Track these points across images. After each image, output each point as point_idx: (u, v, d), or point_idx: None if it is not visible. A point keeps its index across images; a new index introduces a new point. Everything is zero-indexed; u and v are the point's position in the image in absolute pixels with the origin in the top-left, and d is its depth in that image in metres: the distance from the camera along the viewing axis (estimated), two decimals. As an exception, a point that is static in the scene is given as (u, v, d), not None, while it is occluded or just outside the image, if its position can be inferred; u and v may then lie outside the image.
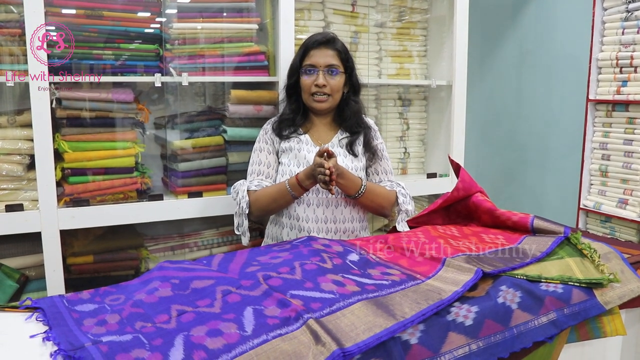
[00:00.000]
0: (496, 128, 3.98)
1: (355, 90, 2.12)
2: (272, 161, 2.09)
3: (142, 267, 2.36)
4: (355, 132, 2.09)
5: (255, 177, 2.07)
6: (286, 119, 2.09)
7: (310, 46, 2.04)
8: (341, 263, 1.49)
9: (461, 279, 1.37)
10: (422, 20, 2.87)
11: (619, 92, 2.74)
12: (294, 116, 2.09)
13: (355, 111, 2.09)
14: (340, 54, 2.05)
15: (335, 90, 2.03)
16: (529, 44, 3.63)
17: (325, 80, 2.00)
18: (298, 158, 2.03)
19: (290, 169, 2.02)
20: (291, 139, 2.07)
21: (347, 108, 2.09)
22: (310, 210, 1.99)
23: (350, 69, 2.08)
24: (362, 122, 2.11)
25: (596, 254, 1.58)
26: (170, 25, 2.23)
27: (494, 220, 1.85)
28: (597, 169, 2.88)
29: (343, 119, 2.11)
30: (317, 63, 2.01)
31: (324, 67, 2.01)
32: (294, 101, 2.10)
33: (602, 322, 1.46)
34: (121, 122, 2.22)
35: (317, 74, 2.00)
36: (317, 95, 2.01)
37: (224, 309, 1.20)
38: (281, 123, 2.09)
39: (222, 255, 1.57)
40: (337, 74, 2.02)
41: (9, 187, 2.05)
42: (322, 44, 2.04)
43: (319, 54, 2.03)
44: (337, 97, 2.06)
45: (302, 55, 2.05)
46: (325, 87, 2.00)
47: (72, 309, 1.25)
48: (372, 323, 1.16)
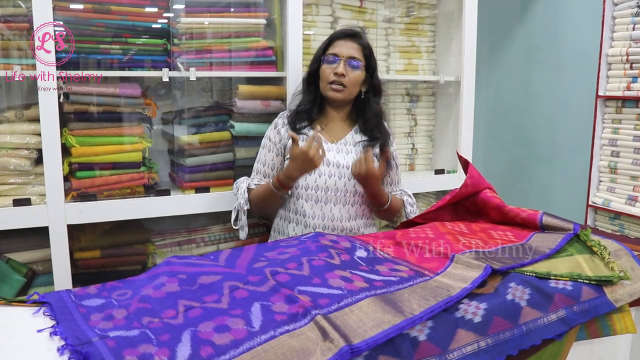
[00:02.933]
0: (504, 124, 3.96)
1: (376, 90, 2.10)
2: (276, 163, 2.09)
3: (149, 262, 2.36)
4: (375, 138, 2.08)
5: (255, 176, 2.10)
6: (302, 111, 2.08)
7: (336, 37, 2.06)
8: (349, 259, 1.48)
9: (470, 275, 1.36)
10: (430, 16, 2.86)
11: (629, 88, 2.71)
12: (311, 107, 2.08)
13: (376, 113, 2.08)
14: (364, 50, 2.05)
15: (352, 83, 2.01)
16: (538, 39, 3.60)
17: (345, 71, 1.99)
18: None
19: None
20: (301, 137, 2.05)
21: (368, 108, 2.08)
22: (318, 208, 1.99)
23: (372, 69, 2.07)
24: (382, 128, 2.10)
25: (606, 251, 1.56)
26: (178, 20, 2.23)
27: (502, 217, 1.84)
28: (607, 165, 2.86)
29: (362, 118, 2.09)
30: (340, 53, 2.01)
31: (346, 58, 2.00)
32: (313, 91, 2.09)
33: (612, 320, 1.45)
34: (128, 117, 2.22)
35: (338, 63, 2.00)
36: (334, 85, 2.00)
37: (232, 305, 1.20)
38: (297, 114, 2.08)
39: (229, 251, 1.57)
40: (358, 68, 2.01)
41: (17, 181, 2.05)
42: (348, 35, 2.05)
43: (343, 44, 2.03)
44: (353, 91, 2.04)
45: (327, 45, 2.06)
46: (344, 78, 1.99)
47: (79, 303, 1.25)
48: (381, 319, 1.15)
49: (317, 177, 2.00)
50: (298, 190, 2.02)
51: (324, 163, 1.99)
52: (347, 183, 2.00)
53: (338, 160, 2.01)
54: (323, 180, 2.00)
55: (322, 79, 2.04)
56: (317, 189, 1.99)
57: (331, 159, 2.01)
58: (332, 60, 2.01)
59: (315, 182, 2.00)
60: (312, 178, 2.00)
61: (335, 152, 2.04)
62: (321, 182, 2.00)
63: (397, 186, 2.17)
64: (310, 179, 2.00)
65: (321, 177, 2.00)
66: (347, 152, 2.04)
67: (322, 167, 1.99)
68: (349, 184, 2.00)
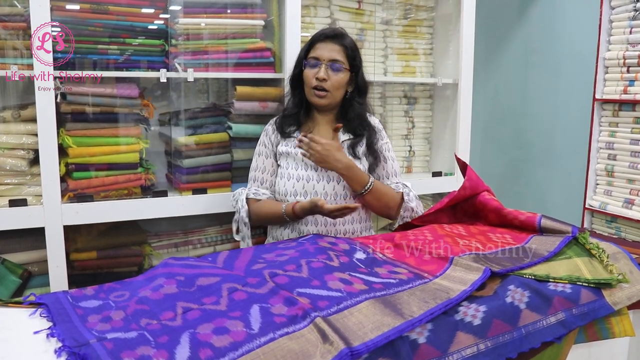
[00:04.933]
0: (501, 127, 3.96)
1: (361, 90, 2.07)
2: (268, 166, 2.07)
3: (146, 263, 2.35)
4: (358, 135, 2.05)
5: (252, 184, 2.07)
6: (289, 115, 2.06)
7: (317, 39, 2.01)
8: (348, 261, 1.47)
9: (469, 278, 1.36)
10: (428, 18, 2.86)
11: (625, 92, 2.72)
12: (298, 111, 2.06)
13: (358, 113, 2.04)
14: (346, 50, 2.00)
15: (335, 87, 1.98)
16: (535, 42, 3.61)
17: (327, 75, 1.95)
18: (296, 160, 2.01)
19: (289, 172, 2.00)
20: (289, 142, 2.03)
21: (351, 109, 2.04)
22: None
23: (356, 68, 2.03)
24: (365, 124, 2.06)
25: (605, 254, 1.56)
26: (175, 21, 2.22)
27: (500, 220, 1.84)
28: (603, 168, 2.86)
29: (346, 119, 2.06)
30: (320, 56, 1.97)
31: (327, 61, 1.96)
32: (297, 94, 2.07)
33: (611, 323, 1.45)
34: (125, 118, 2.20)
35: (320, 67, 1.96)
36: (317, 90, 1.97)
37: (230, 307, 1.19)
38: (284, 119, 2.07)
39: (227, 253, 1.56)
40: (340, 71, 1.98)
41: (13, 181, 2.04)
42: (329, 37, 2.00)
43: (324, 47, 1.99)
44: (337, 95, 2.01)
45: (309, 48, 2.02)
46: (326, 82, 1.96)
47: (76, 305, 1.24)
48: (380, 322, 1.14)
49: (306, 183, 1.97)
50: (288, 197, 1.99)
51: (313, 168, 1.98)
52: (336, 187, 1.97)
53: None
54: (311, 185, 1.97)
55: (305, 84, 2.01)
56: (306, 194, 1.97)
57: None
58: (313, 64, 1.98)
59: (303, 188, 1.98)
60: (301, 184, 1.98)
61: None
62: (309, 187, 1.97)
63: (393, 178, 2.10)
64: (299, 185, 1.98)
65: (309, 182, 1.97)
66: None
67: (311, 172, 1.98)
68: (338, 187, 1.97)
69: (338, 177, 1.96)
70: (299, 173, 1.99)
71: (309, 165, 1.98)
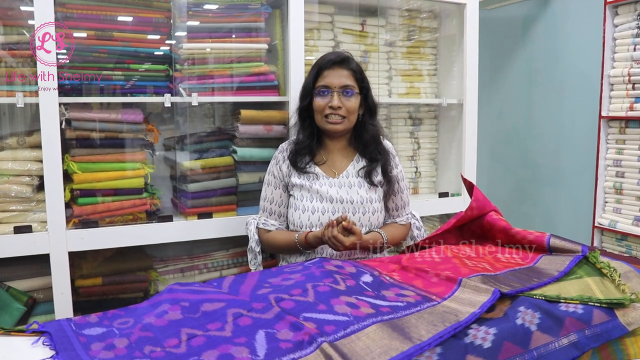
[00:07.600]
0: (507, 146, 3.95)
1: (372, 112, 2.05)
2: (277, 197, 2.05)
3: (152, 289, 2.33)
4: (374, 160, 2.03)
5: (262, 214, 2.08)
6: (302, 148, 2.03)
7: (323, 66, 1.98)
8: (354, 284, 1.45)
9: (478, 299, 1.33)
10: (431, 39, 2.87)
11: (632, 109, 2.71)
12: (310, 142, 2.02)
13: (373, 135, 2.03)
14: (355, 74, 1.98)
15: (351, 111, 1.97)
16: (539, 62, 3.61)
17: (340, 102, 1.94)
18: (311, 192, 1.99)
19: (304, 204, 1.98)
20: (303, 175, 2.01)
21: (365, 132, 2.03)
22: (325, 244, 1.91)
23: (365, 90, 2.01)
24: (380, 148, 2.04)
25: (616, 273, 1.53)
26: (180, 46, 2.23)
27: (509, 240, 1.81)
28: (612, 186, 2.84)
29: (361, 143, 2.04)
30: (331, 84, 1.95)
31: (338, 88, 1.95)
32: (308, 125, 2.04)
33: (625, 344, 1.41)
34: (131, 143, 2.21)
35: (332, 95, 1.94)
36: (331, 117, 1.95)
37: (235, 333, 1.17)
38: (297, 153, 2.03)
39: (232, 277, 1.54)
40: (353, 95, 1.96)
41: (18, 208, 2.04)
42: (336, 63, 1.98)
43: (333, 74, 1.96)
44: (352, 119, 2.00)
45: (316, 76, 1.98)
46: (341, 109, 1.94)
47: (79, 332, 1.23)
48: (388, 346, 1.12)
49: (321, 215, 1.96)
50: (304, 229, 1.97)
51: (327, 200, 1.97)
52: (351, 218, 1.93)
53: (341, 195, 1.97)
54: (327, 217, 1.95)
55: (316, 112, 1.99)
56: (322, 227, 1.91)
57: (334, 195, 1.96)
58: (324, 93, 1.96)
59: (319, 220, 1.96)
60: (316, 216, 1.96)
61: (337, 187, 1.99)
62: (325, 219, 1.94)
63: (403, 210, 2.10)
64: (314, 218, 1.96)
65: (325, 214, 1.96)
66: (350, 186, 2.00)
67: (326, 204, 1.96)
68: (353, 218, 1.94)
69: (353, 209, 1.96)
70: (314, 205, 1.97)
71: (324, 198, 1.97)
